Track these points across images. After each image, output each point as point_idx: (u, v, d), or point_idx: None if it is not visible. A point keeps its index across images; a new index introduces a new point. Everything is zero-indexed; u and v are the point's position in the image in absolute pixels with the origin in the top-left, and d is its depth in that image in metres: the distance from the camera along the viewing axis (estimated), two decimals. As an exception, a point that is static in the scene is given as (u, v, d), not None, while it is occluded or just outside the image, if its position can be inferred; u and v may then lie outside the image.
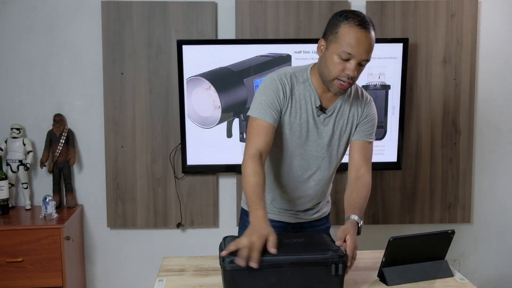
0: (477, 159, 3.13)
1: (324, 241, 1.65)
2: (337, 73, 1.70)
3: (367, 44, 1.68)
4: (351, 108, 1.87)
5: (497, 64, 3.07)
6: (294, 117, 1.82)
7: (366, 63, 1.72)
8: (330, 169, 1.93)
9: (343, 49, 1.67)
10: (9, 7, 2.87)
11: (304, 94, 1.81)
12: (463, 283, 1.71)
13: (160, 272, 1.80)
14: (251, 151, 1.74)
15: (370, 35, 1.69)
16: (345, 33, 1.67)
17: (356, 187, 1.85)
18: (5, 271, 2.60)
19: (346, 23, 1.68)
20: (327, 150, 1.87)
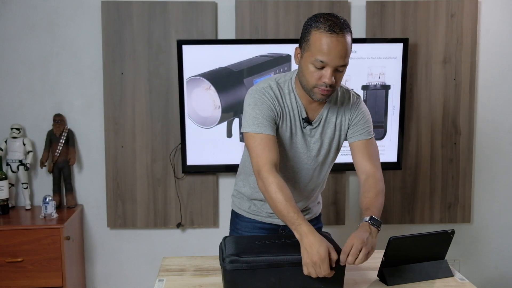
0: (477, 159, 3.13)
1: None
2: (314, 81, 1.65)
3: (339, 50, 1.60)
4: (338, 116, 1.82)
5: (497, 64, 3.07)
6: (285, 130, 1.79)
7: (344, 68, 1.66)
8: (321, 177, 1.92)
9: (316, 57, 1.61)
10: (9, 7, 2.87)
11: (291, 106, 1.77)
12: (463, 283, 1.71)
13: (160, 272, 1.80)
14: (266, 167, 1.67)
15: (342, 39, 1.61)
16: (315, 40, 1.62)
17: (366, 189, 1.77)
18: (5, 271, 2.59)
19: (316, 29, 1.62)
20: (317, 160, 1.86)
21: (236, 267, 1.52)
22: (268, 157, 1.68)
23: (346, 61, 1.64)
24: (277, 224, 1.99)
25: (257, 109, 1.74)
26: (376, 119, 2.91)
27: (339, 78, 1.67)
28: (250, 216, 2.01)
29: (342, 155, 2.88)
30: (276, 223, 1.98)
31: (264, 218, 1.99)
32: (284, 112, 1.77)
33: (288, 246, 1.60)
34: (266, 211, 1.97)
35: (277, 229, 1.99)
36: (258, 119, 1.73)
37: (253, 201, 1.99)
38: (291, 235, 1.72)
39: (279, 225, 1.99)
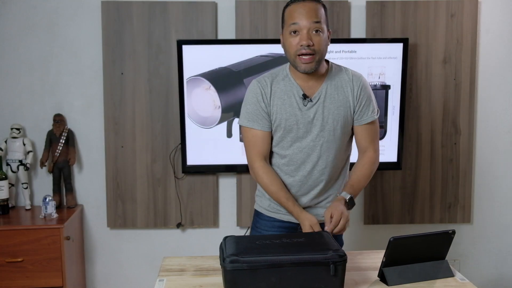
0: (477, 159, 3.13)
1: (324, 241, 1.65)
2: (294, 48, 1.78)
3: (307, 10, 1.76)
4: (340, 92, 1.88)
5: (497, 64, 3.07)
6: (280, 114, 1.87)
7: (319, 27, 1.77)
8: (330, 155, 1.91)
9: (288, 24, 1.78)
10: (9, 7, 2.87)
11: (285, 90, 1.88)
12: (463, 283, 1.71)
13: (160, 272, 1.80)
14: (258, 162, 1.91)
15: (308, 4, 1.77)
16: (287, 14, 1.82)
17: (358, 166, 1.94)
18: (5, 271, 2.59)
19: (287, 7, 1.82)
20: (322, 136, 1.88)
21: (237, 267, 1.52)
22: (259, 151, 1.90)
23: (317, 18, 1.77)
24: (295, 223, 1.98)
25: (248, 104, 1.91)
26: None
27: (318, 41, 1.78)
28: (270, 214, 2.03)
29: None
30: (294, 221, 1.98)
31: (283, 216, 2.00)
32: (276, 97, 1.88)
33: (288, 246, 1.60)
34: (284, 210, 1.98)
35: (296, 228, 1.99)
36: (250, 114, 1.90)
37: (268, 199, 2.01)
38: (291, 235, 1.72)
39: (298, 223, 1.98)
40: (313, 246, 1.60)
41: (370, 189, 3.07)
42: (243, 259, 1.53)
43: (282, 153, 1.93)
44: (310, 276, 1.53)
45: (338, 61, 2.79)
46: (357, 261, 1.89)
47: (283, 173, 1.96)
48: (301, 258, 1.53)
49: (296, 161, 1.92)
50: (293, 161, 1.92)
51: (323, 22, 1.79)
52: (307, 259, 1.53)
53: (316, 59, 1.79)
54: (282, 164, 1.95)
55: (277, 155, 1.96)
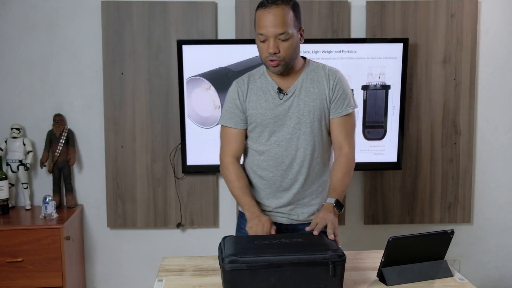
0: (477, 159, 3.13)
1: (323, 241, 1.65)
2: (263, 54, 1.84)
3: (271, 19, 1.78)
4: (315, 86, 1.91)
5: (497, 64, 3.07)
6: (256, 109, 1.92)
7: (286, 37, 1.79)
8: (309, 147, 1.92)
9: (257, 32, 1.82)
10: (9, 7, 2.87)
11: (261, 86, 1.93)
12: (462, 283, 1.71)
13: (160, 272, 1.80)
14: (227, 158, 1.97)
15: (274, 10, 1.78)
16: (256, 18, 1.84)
17: (337, 167, 1.92)
18: (5, 271, 2.60)
19: (257, 10, 1.83)
20: (299, 128, 1.91)
21: (236, 267, 1.52)
22: (231, 149, 1.97)
23: (283, 29, 1.78)
24: (280, 223, 1.99)
25: (226, 103, 1.99)
26: (376, 119, 2.91)
27: (285, 48, 1.81)
28: None
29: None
30: (279, 222, 1.99)
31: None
32: (253, 94, 1.93)
33: (287, 246, 1.60)
34: (271, 207, 1.98)
35: (281, 228, 1.99)
36: (226, 113, 1.98)
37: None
38: (290, 235, 1.72)
39: (282, 224, 1.99)
40: (312, 246, 1.60)
41: (370, 189, 3.07)
42: (242, 259, 1.53)
43: (260, 149, 1.95)
44: (309, 276, 1.53)
45: (338, 61, 2.81)
46: (357, 261, 1.89)
47: (263, 169, 1.97)
48: (300, 258, 1.53)
49: (274, 155, 1.93)
50: (272, 156, 1.94)
51: (290, 28, 1.80)
52: (306, 259, 1.53)
53: (282, 64, 1.83)
54: (261, 161, 1.96)
55: (255, 153, 1.98)
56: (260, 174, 1.98)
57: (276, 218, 1.99)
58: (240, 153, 1.99)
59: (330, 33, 2.93)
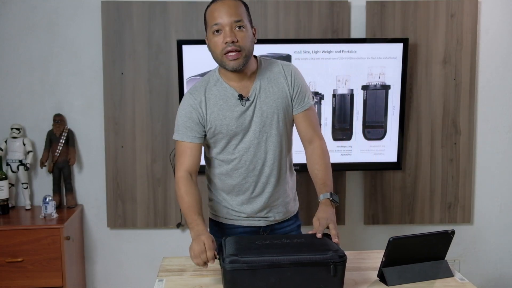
0: (477, 159, 3.13)
1: (324, 242, 1.65)
2: (219, 47, 1.76)
3: (226, 8, 1.74)
4: (273, 85, 1.87)
5: (497, 64, 3.07)
6: (220, 120, 1.84)
7: (241, 24, 1.75)
8: (277, 149, 1.90)
9: (211, 25, 1.76)
10: (9, 7, 2.87)
11: (220, 95, 1.86)
12: (463, 283, 1.71)
13: (160, 272, 1.80)
14: (180, 173, 1.86)
15: (228, 2, 1.75)
16: (207, 15, 1.80)
17: (315, 160, 1.90)
18: (5, 271, 2.60)
19: (207, 9, 1.80)
20: (265, 131, 1.87)
21: (236, 267, 1.52)
22: (184, 164, 1.86)
23: (238, 16, 1.75)
24: (257, 226, 1.98)
25: (179, 117, 1.88)
26: (376, 119, 2.91)
27: (242, 37, 1.75)
28: (229, 222, 2.00)
29: (342, 155, 2.89)
30: (256, 225, 1.97)
31: (243, 222, 1.98)
32: (212, 103, 1.85)
33: (288, 247, 1.60)
34: (246, 213, 1.96)
35: (258, 232, 1.98)
36: (179, 127, 1.87)
37: (225, 207, 1.99)
38: (291, 236, 1.72)
39: (260, 227, 1.98)
40: (313, 247, 1.60)
41: (370, 189, 3.07)
42: (243, 259, 1.53)
43: (228, 158, 1.90)
44: (309, 277, 1.53)
45: (338, 61, 2.81)
46: (357, 261, 1.89)
47: (233, 178, 1.92)
48: (301, 258, 1.53)
49: (245, 162, 1.89)
50: (242, 163, 1.89)
51: (245, 19, 1.77)
52: (306, 259, 1.53)
53: (243, 55, 1.76)
54: (230, 170, 1.91)
55: (221, 163, 1.93)
56: (231, 182, 1.93)
57: (253, 222, 1.97)
58: (195, 167, 1.88)
59: (330, 33, 2.93)
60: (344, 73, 2.85)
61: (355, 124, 2.91)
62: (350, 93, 2.87)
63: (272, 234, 1.99)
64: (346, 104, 2.88)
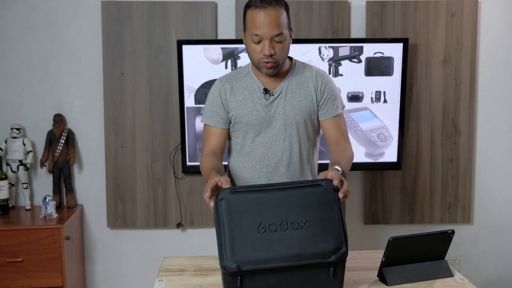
0: (477, 159, 3.13)
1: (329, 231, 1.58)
2: (257, 56, 1.80)
3: (268, 21, 1.74)
4: (302, 87, 1.90)
5: (497, 64, 3.07)
6: (241, 109, 1.88)
7: (281, 38, 1.77)
8: (295, 150, 1.91)
9: (251, 33, 1.77)
10: (9, 7, 2.87)
11: (247, 86, 1.91)
12: (463, 283, 1.71)
13: (160, 272, 1.80)
14: (205, 151, 1.93)
15: (270, 11, 1.74)
16: (248, 18, 1.79)
17: (337, 153, 1.86)
18: (5, 271, 2.60)
19: (249, 9, 1.79)
20: (285, 130, 1.89)
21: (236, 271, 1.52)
22: (209, 145, 1.93)
23: (279, 30, 1.76)
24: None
25: (208, 102, 1.95)
26: (376, 119, 2.92)
27: (280, 49, 1.79)
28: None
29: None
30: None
31: None
32: (237, 93, 1.90)
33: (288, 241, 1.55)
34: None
35: None
36: (207, 112, 1.94)
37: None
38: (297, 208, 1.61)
39: None
40: (314, 239, 1.54)
41: (370, 189, 3.07)
42: (244, 268, 1.52)
43: (245, 150, 1.94)
44: (309, 277, 1.53)
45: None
46: (357, 261, 1.89)
47: (248, 171, 1.95)
48: (301, 262, 1.52)
49: (259, 156, 1.92)
50: (257, 157, 1.92)
51: (284, 29, 1.78)
52: (306, 263, 1.52)
53: (276, 66, 1.81)
54: (246, 162, 1.95)
55: (239, 154, 1.96)
56: (245, 176, 1.97)
57: None
58: (220, 149, 1.93)
59: (330, 33, 2.93)
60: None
61: (355, 124, 2.91)
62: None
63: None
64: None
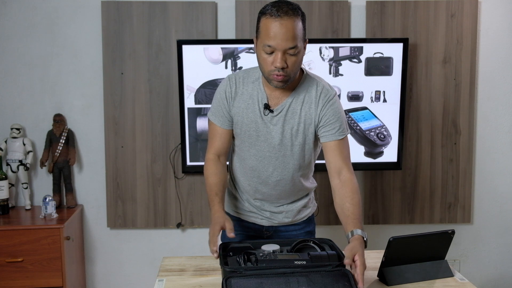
0: (477, 159, 3.13)
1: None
2: (268, 67, 1.69)
3: (283, 32, 1.63)
4: (303, 108, 1.81)
5: (497, 64, 3.07)
6: (241, 116, 1.84)
7: (295, 51, 1.66)
8: (287, 170, 1.87)
9: (264, 43, 1.66)
10: (9, 7, 2.87)
11: (252, 94, 1.83)
12: (463, 283, 1.71)
13: (160, 272, 1.80)
14: (209, 155, 1.90)
15: (286, 22, 1.63)
16: (262, 26, 1.67)
17: (345, 194, 1.76)
18: (5, 271, 2.59)
19: (263, 17, 1.67)
20: (279, 150, 1.84)
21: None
22: (214, 146, 1.91)
23: (294, 43, 1.65)
24: (260, 225, 1.99)
25: (215, 99, 1.90)
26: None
27: (293, 62, 1.68)
28: (236, 214, 2.03)
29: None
30: (259, 223, 1.99)
31: (247, 217, 2.00)
32: (240, 99, 1.84)
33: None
34: (248, 209, 1.98)
35: (261, 229, 2.00)
36: (214, 109, 1.89)
37: (234, 198, 2.01)
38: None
39: (263, 226, 1.99)
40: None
41: (370, 189, 3.07)
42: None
43: (241, 155, 1.92)
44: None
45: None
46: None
47: (241, 174, 1.95)
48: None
49: (252, 167, 1.89)
50: (249, 167, 1.90)
51: (299, 41, 1.67)
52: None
53: (287, 79, 1.71)
54: (241, 167, 1.94)
55: (238, 156, 1.95)
56: (240, 177, 1.97)
57: (257, 219, 1.98)
58: (224, 151, 1.92)
59: (330, 33, 2.93)
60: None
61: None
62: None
63: (276, 236, 1.99)
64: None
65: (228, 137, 1.91)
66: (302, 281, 1.49)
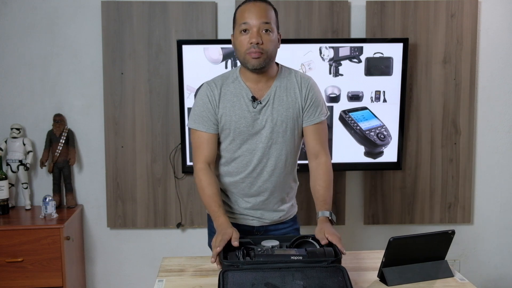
0: (477, 159, 3.13)
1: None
2: (244, 46, 1.80)
3: (257, 10, 1.79)
4: (288, 94, 1.90)
5: (497, 64, 3.07)
6: (229, 116, 1.88)
7: (269, 27, 1.80)
8: (281, 157, 1.92)
9: (239, 24, 1.81)
10: (9, 7, 2.87)
11: (235, 92, 1.89)
12: (463, 283, 1.71)
13: (160, 272, 1.80)
14: (199, 165, 1.90)
15: (259, 3, 1.81)
16: (238, 14, 1.85)
17: (318, 177, 1.92)
18: (5, 271, 2.60)
19: (238, 8, 1.85)
20: (271, 138, 1.89)
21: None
22: (202, 155, 1.90)
23: (267, 19, 1.80)
24: (250, 226, 2.00)
25: (196, 106, 1.92)
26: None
27: (267, 40, 1.80)
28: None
29: (340, 156, 2.89)
30: (250, 224, 2.00)
31: (237, 220, 2.00)
32: (225, 99, 1.89)
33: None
34: (239, 211, 1.99)
35: (252, 231, 2.01)
36: (197, 116, 1.90)
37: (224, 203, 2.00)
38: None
39: (254, 226, 2.00)
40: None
41: (370, 189, 3.07)
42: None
43: (230, 156, 1.93)
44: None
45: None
46: (357, 261, 1.89)
47: (232, 175, 1.96)
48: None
49: (246, 163, 1.92)
50: (243, 163, 1.92)
51: (273, 23, 1.82)
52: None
53: (264, 58, 1.81)
54: (230, 168, 1.95)
55: (226, 163, 1.96)
56: (229, 180, 1.97)
57: (247, 221, 2.00)
58: (213, 157, 1.93)
59: (330, 33, 2.93)
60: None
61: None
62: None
63: (266, 235, 2.00)
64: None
65: (215, 142, 1.92)
66: (297, 275, 1.54)
